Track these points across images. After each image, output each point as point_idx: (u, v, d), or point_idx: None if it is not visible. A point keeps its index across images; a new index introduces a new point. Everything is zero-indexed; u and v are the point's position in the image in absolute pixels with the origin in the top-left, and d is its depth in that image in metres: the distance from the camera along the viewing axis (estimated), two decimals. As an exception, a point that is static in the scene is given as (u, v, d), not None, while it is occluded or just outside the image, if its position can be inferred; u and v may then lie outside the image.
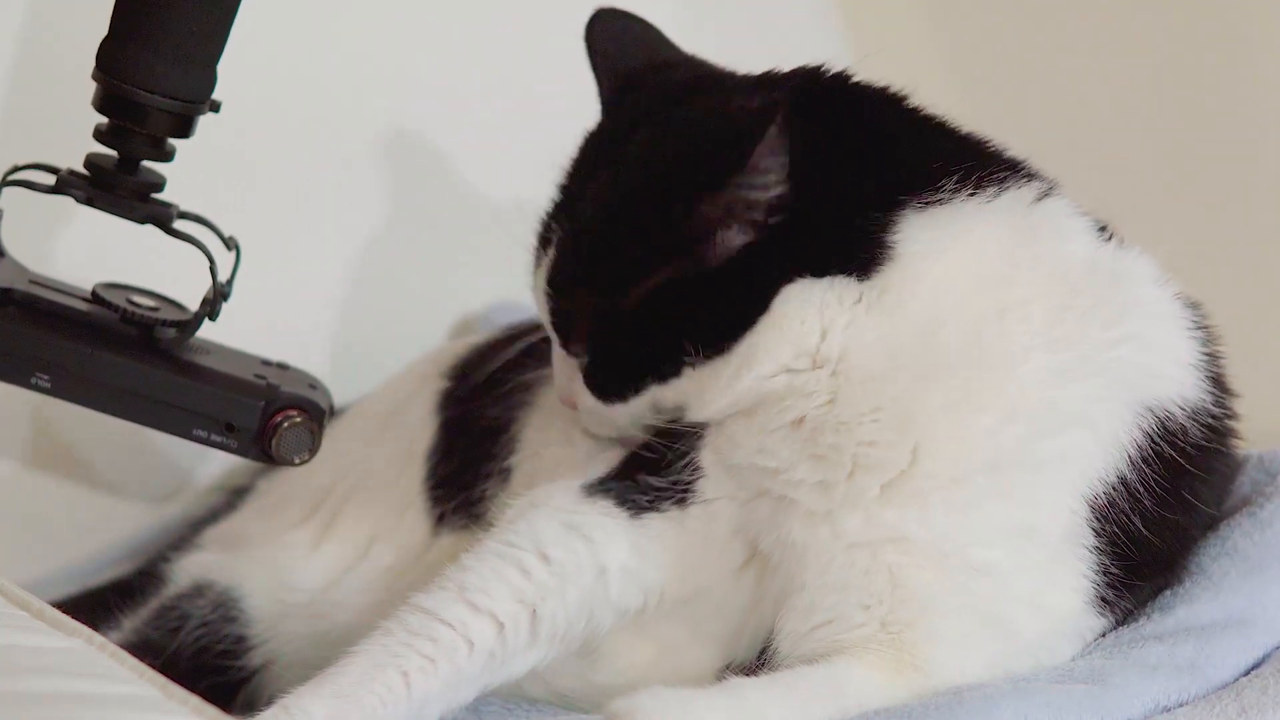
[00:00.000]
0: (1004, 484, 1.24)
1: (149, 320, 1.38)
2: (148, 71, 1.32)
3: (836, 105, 1.31)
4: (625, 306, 1.30)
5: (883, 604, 1.25)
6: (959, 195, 1.28)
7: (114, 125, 1.35)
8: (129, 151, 1.36)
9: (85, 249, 1.69)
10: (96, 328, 1.37)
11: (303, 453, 1.38)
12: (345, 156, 1.88)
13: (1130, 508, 1.27)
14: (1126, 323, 1.28)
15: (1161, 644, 1.30)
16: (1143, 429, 1.27)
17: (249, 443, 1.37)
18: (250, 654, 1.51)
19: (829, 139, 1.27)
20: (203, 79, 1.35)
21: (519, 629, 1.29)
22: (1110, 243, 1.32)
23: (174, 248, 1.39)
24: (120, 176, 1.37)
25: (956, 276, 1.26)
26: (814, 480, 1.26)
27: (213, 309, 1.38)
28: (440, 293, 1.93)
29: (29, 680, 1.08)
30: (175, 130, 1.35)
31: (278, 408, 1.37)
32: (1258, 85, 1.95)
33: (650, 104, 1.36)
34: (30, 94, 1.70)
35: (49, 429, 1.76)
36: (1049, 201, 1.31)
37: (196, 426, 1.37)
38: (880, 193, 1.27)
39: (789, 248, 1.26)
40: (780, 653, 1.28)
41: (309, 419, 1.37)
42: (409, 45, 1.92)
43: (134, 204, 1.37)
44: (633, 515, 1.31)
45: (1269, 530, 1.37)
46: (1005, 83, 2.13)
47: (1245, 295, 1.89)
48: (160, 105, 1.33)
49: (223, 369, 1.38)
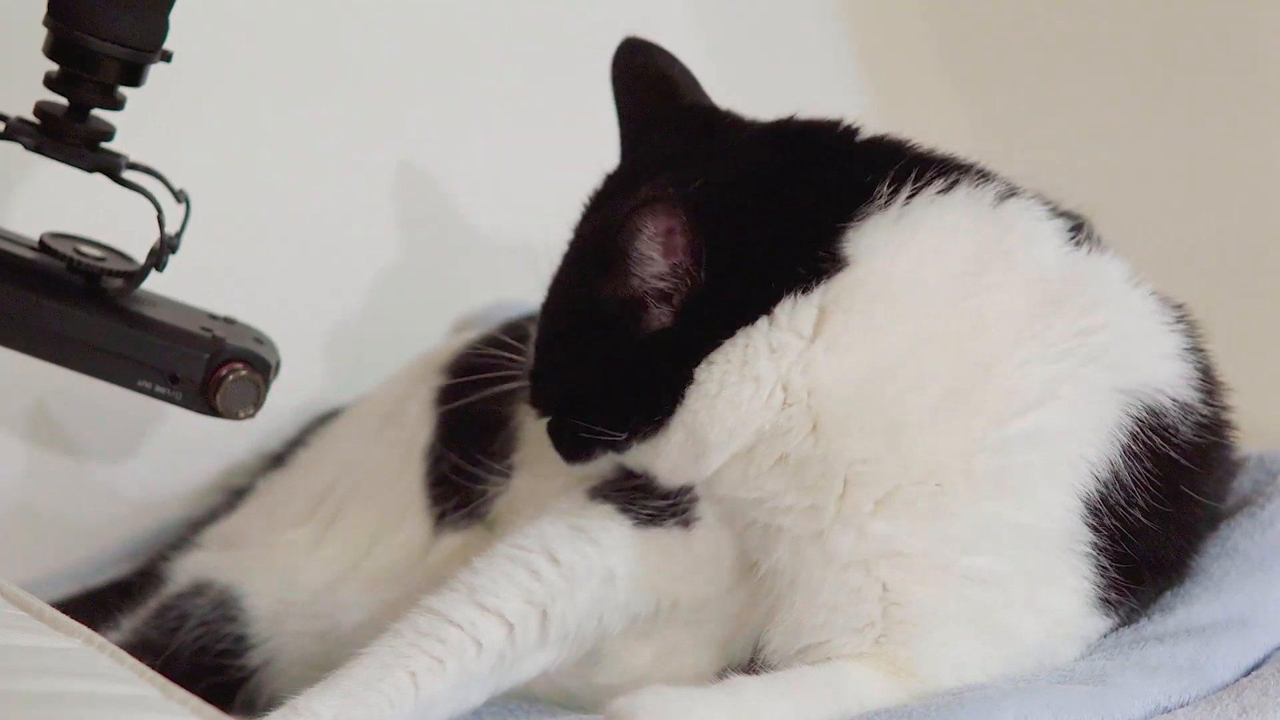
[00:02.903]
0: (993, 479, 1.24)
1: (96, 270, 1.37)
2: (99, 17, 1.32)
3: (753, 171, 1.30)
4: (569, 377, 1.31)
5: (874, 627, 1.25)
6: (912, 195, 1.26)
7: (64, 72, 1.35)
8: (79, 99, 1.35)
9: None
10: (43, 275, 1.36)
11: (247, 407, 1.37)
12: (346, 156, 1.88)
13: (1126, 502, 1.26)
14: (1096, 314, 1.27)
15: (1162, 644, 1.29)
16: (1131, 416, 1.26)
17: (193, 395, 1.37)
18: (250, 653, 1.51)
19: (736, 214, 1.27)
20: (154, 27, 1.34)
21: (528, 630, 1.29)
22: (1083, 247, 1.30)
23: (125, 202, 1.38)
24: (70, 124, 1.36)
25: (921, 279, 1.25)
26: (803, 505, 1.26)
27: (159, 260, 1.37)
28: (440, 292, 1.93)
29: (29, 680, 1.07)
30: (125, 78, 1.35)
31: (222, 360, 1.36)
32: (1259, 85, 1.95)
33: (642, 167, 1.36)
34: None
35: (49, 429, 1.76)
36: (1014, 202, 1.29)
37: (141, 377, 1.36)
38: (820, 222, 1.26)
39: (711, 319, 1.26)
40: (769, 665, 1.28)
41: (254, 372, 1.36)
42: (413, 44, 1.92)
43: (83, 152, 1.36)
44: (636, 524, 1.31)
45: (1269, 530, 1.37)
46: (1014, 108, 2.13)
47: (1245, 295, 1.89)
48: (111, 52, 1.33)
49: (168, 320, 1.37)
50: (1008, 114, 2.12)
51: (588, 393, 1.30)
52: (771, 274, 1.26)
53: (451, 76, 1.94)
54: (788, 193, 1.28)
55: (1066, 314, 1.26)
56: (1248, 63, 1.95)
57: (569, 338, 1.31)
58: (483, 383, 1.44)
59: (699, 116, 1.39)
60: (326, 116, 1.86)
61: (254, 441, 1.73)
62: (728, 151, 1.33)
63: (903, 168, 1.28)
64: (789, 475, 1.26)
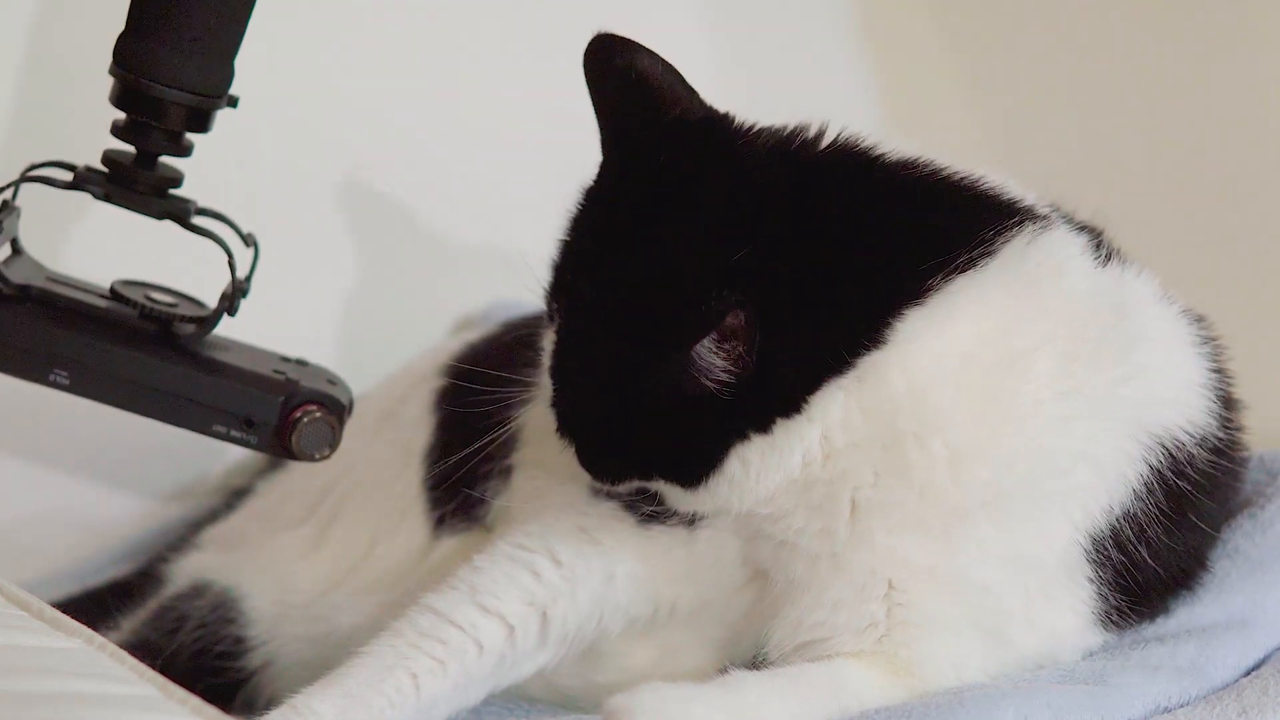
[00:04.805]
0: (1008, 520, 1.24)
1: (168, 316, 1.37)
2: (165, 66, 1.32)
3: (814, 236, 1.23)
4: (606, 416, 1.27)
5: (877, 626, 1.25)
6: (952, 279, 1.22)
7: (131, 120, 1.35)
8: (147, 147, 1.36)
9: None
10: (115, 324, 1.36)
11: (323, 448, 1.37)
12: (347, 157, 1.88)
13: (1135, 537, 1.26)
14: (1135, 355, 1.26)
15: (1163, 645, 1.30)
16: (1149, 462, 1.25)
17: (269, 438, 1.37)
18: (249, 655, 1.51)
19: (802, 293, 1.22)
20: (220, 73, 1.35)
21: (529, 632, 1.29)
22: (1109, 264, 1.29)
23: (191, 246, 1.38)
24: (138, 172, 1.36)
25: (955, 344, 1.23)
26: (815, 529, 1.25)
27: (231, 305, 1.37)
28: (440, 292, 1.93)
29: (29, 680, 1.07)
30: (193, 125, 1.35)
31: (297, 403, 1.36)
32: (1260, 86, 1.95)
33: (639, 194, 1.29)
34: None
35: (49, 429, 1.76)
36: (1044, 238, 1.26)
37: (216, 422, 1.36)
38: (866, 318, 1.22)
39: (746, 407, 1.22)
40: (769, 662, 1.28)
41: (328, 414, 1.37)
42: (415, 48, 1.92)
43: (152, 200, 1.37)
44: (640, 523, 1.31)
45: (1270, 531, 1.38)
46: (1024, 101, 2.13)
47: (1245, 296, 1.89)
48: (177, 99, 1.33)
49: (242, 365, 1.37)
50: (1018, 113, 2.12)
51: (622, 437, 1.27)
52: (814, 363, 1.22)
53: (451, 76, 1.95)
54: (835, 277, 1.23)
55: (1106, 357, 1.25)
56: (1260, 62, 1.95)
57: (602, 384, 1.27)
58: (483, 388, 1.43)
59: (705, 132, 1.31)
60: (326, 116, 1.86)
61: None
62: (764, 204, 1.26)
63: (961, 242, 1.23)
64: (798, 493, 1.25)
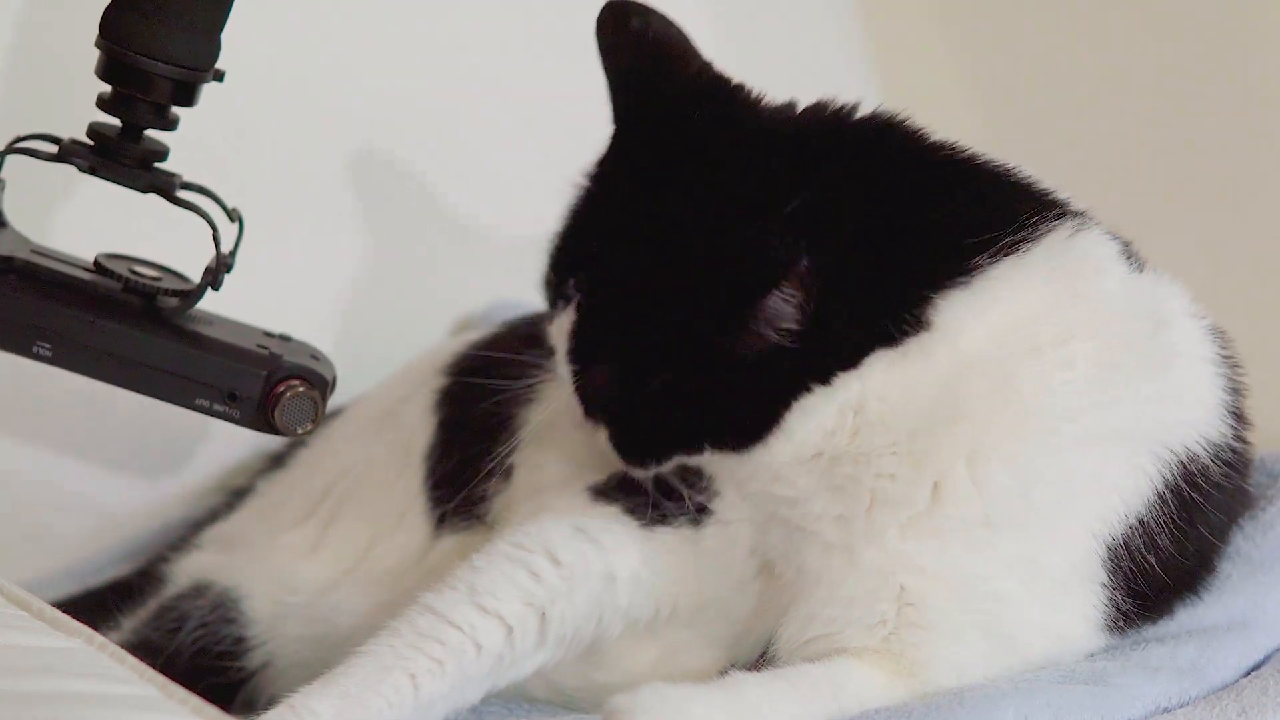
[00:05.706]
0: (1024, 529, 1.24)
1: (151, 289, 1.37)
2: (151, 38, 1.32)
3: (863, 198, 1.26)
4: (650, 389, 1.28)
5: (886, 625, 1.25)
6: (997, 262, 1.24)
7: (117, 93, 1.35)
8: (132, 119, 1.35)
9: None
10: (99, 296, 1.36)
11: (305, 422, 1.37)
12: (346, 155, 1.88)
13: (1145, 546, 1.26)
14: (1171, 374, 1.27)
15: (1163, 645, 1.30)
16: (1165, 476, 1.26)
17: (252, 412, 1.36)
18: (249, 655, 1.51)
19: (855, 249, 1.24)
20: (206, 46, 1.34)
21: (527, 632, 1.29)
22: (1142, 272, 1.30)
23: (176, 221, 1.38)
24: (124, 145, 1.36)
25: (997, 329, 1.24)
26: (833, 514, 1.25)
27: (215, 279, 1.37)
28: (440, 292, 1.93)
29: (29, 680, 1.08)
30: (179, 98, 1.35)
31: (280, 377, 1.36)
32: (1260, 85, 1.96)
33: (670, 153, 1.30)
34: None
35: (49, 428, 1.76)
36: (1083, 235, 1.28)
37: (199, 396, 1.36)
38: (913, 289, 1.24)
39: (810, 358, 1.24)
40: (778, 658, 1.28)
41: (311, 388, 1.36)
42: (413, 42, 1.92)
43: (137, 172, 1.36)
44: (643, 525, 1.31)
45: (1270, 533, 1.38)
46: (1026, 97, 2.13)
47: (1246, 295, 1.89)
48: (164, 72, 1.33)
49: (225, 339, 1.37)
50: (1018, 112, 2.12)
51: (679, 404, 1.27)
52: (871, 315, 1.23)
53: (451, 75, 1.94)
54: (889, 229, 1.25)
55: (1142, 374, 1.26)
56: (1260, 62, 1.95)
57: (646, 355, 1.27)
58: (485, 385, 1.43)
59: (728, 91, 1.34)
60: (325, 115, 1.86)
61: (254, 442, 1.73)
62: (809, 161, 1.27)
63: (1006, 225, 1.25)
64: (821, 472, 1.26)
